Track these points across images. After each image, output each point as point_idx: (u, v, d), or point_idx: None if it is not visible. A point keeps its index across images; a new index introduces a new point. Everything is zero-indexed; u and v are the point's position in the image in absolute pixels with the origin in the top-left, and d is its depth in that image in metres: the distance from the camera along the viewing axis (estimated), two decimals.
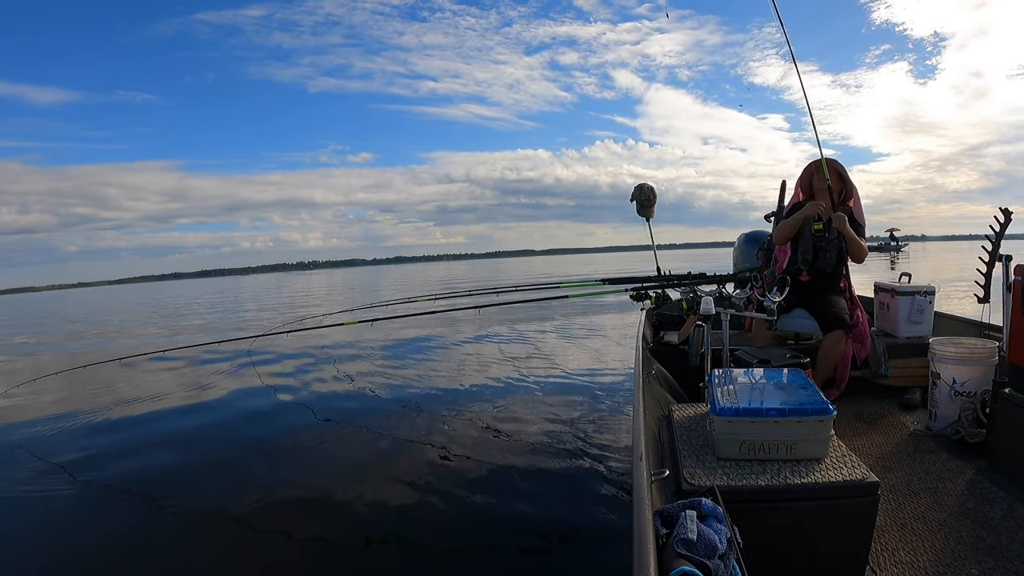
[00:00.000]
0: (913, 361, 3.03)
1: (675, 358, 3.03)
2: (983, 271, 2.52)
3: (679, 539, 1.06)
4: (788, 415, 1.49)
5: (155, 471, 3.72)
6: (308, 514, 2.96)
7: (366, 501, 3.06)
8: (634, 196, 3.23)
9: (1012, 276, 2.20)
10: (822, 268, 2.94)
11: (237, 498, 3.21)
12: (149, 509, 3.16)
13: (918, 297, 3.21)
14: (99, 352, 9.84)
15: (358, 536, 2.74)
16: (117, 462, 3.92)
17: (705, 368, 2.19)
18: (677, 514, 1.13)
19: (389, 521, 2.83)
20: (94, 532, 2.91)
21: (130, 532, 2.87)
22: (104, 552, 2.71)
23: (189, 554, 2.66)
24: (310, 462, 3.76)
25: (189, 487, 3.43)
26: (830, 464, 1.48)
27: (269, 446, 4.13)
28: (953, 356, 2.47)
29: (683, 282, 2.94)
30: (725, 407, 1.53)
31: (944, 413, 2.50)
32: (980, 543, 1.67)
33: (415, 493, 3.10)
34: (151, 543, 2.76)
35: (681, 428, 1.78)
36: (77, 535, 2.88)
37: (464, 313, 6.90)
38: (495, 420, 4.33)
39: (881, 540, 1.71)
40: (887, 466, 2.24)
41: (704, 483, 1.41)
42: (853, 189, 3.03)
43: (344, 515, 2.92)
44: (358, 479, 3.38)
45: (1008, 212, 2.49)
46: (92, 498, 3.35)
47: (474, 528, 2.73)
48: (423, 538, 2.67)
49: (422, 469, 3.41)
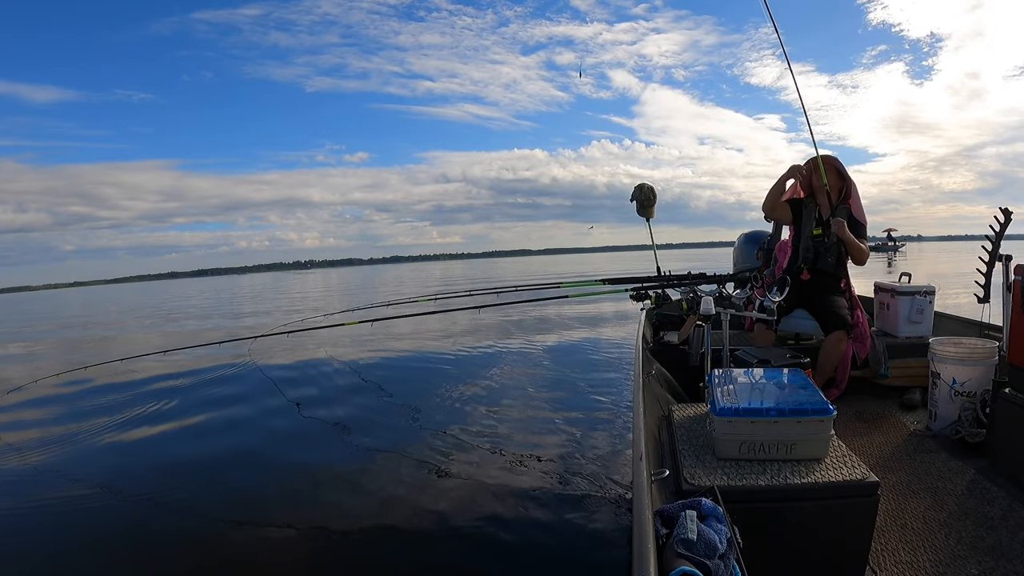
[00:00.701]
0: (913, 361, 3.03)
1: (675, 358, 3.03)
2: (983, 271, 2.51)
3: (679, 539, 1.06)
4: (788, 415, 1.49)
5: (151, 473, 3.72)
6: (302, 518, 2.94)
7: (364, 501, 3.05)
8: (634, 196, 3.22)
9: (1012, 276, 2.20)
10: (822, 268, 2.94)
11: (230, 501, 3.21)
12: (147, 509, 3.15)
13: (918, 297, 3.21)
14: (99, 353, 9.82)
15: (357, 536, 2.73)
16: (115, 462, 3.92)
17: (705, 368, 2.19)
18: (677, 514, 1.13)
19: (387, 521, 2.82)
20: (92, 533, 2.91)
21: (127, 533, 2.87)
22: (103, 552, 2.71)
23: (188, 554, 2.66)
24: (307, 466, 3.75)
25: (186, 487, 3.42)
26: (830, 464, 1.47)
27: (267, 448, 4.13)
28: (953, 356, 2.47)
29: (683, 282, 2.93)
30: (725, 407, 1.53)
31: (944, 413, 2.50)
32: (980, 543, 1.67)
33: (414, 493, 3.10)
34: (149, 545, 2.76)
35: (681, 428, 1.77)
36: (72, 535, 2.88)
37: (464, 313, 6.89)
38: (494, 420, 4.32)
39: (881, 540, 1.71)
40: (887, 466, 2.24)
41: (704, 483, 1.41)
42: (852, 186, 3.00)
43: (344, 515, 2.92)
44: (357, 479, 3.38)
45: (1008, 212, 2.49)
46: (91, 497, 3.35)
47: (474, 528, 2.73)
48: (422, 538, 2.66)
49: (420, 469, 3.41)
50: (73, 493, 3.41)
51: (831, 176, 2.94)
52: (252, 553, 2.64)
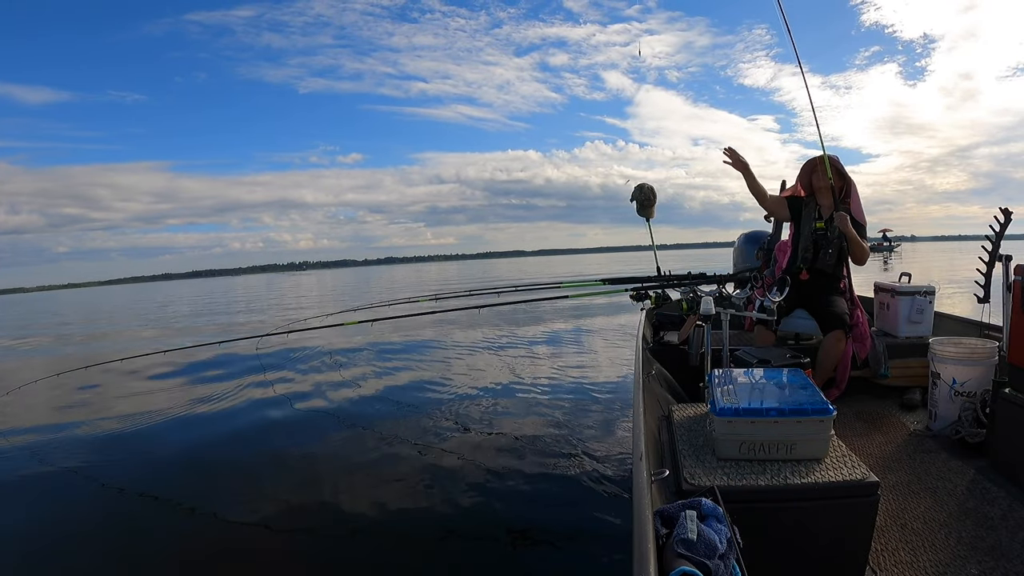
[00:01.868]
0: (913, 361, 3.03)
1: (675, 358, 3.03)
2: (983, 271, 2.51)
3: (679, 539, 1.06)
4: (788, 415, 1.49)
5: (152, 471, 3.73)
6: (305, 515, 2.95)
7: (365, 502, 3.06)
8: (634, 196, 3.22)
9: (1012, 276, 2.20)
10: (822, 268, 2.93)
11: (231, 498, 3.22)
12: (144, 510, 3.15)
13: (918, 297, 3.21)
14: (97, 354, 9.82)
15: (357, 536, 2.73)
16: (111, 463, 3.93)
17: (705, 368, 2.19)
18: (677, 514, 1.13)
19: (389, 522, 2.83)
20: (91, 530, 2.91)
21: (125, 534, 2.87)
22: (101, 552, 2.72)
23: (188, 553, 2.66)
24: (309, 462, 3.76)
25: (184, 488, 3.42)
26: (830, 464, 1.47)
27: (267, 447, 4.13)
28: (953, 356, 2.47)
29: (683, 282, 2.93)
30: (725, 407, 1.53)
31: (944, 413, 2.50)
32: (980, 543, 1.67)
33: (414, 494, 3.10)
34: (148, 545, 2.76)
35: (681, 428, 1.77)
36: (66, 531, 2.88)
37: (464, 313, 6.89)
38: (495, 420, 4.32)
39: (881, 540, 1.71)
40: (887, 466, 2.24)
41: (704, 483, 1.41)
42: (852, 186, 2.99)
43: (343, 516, 2.92)
44: (357, 480, 3.39)
45: (1008, 212, 2.49)
46: (89, 495, 3.35)
47: (474, 528, 2.73)
48: (423, 539, 2.66)
49: (421, 470, 3.41)
50: (73, 491, 3.41)
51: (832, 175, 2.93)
52: (245, 552, 2.64)
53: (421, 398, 5.25)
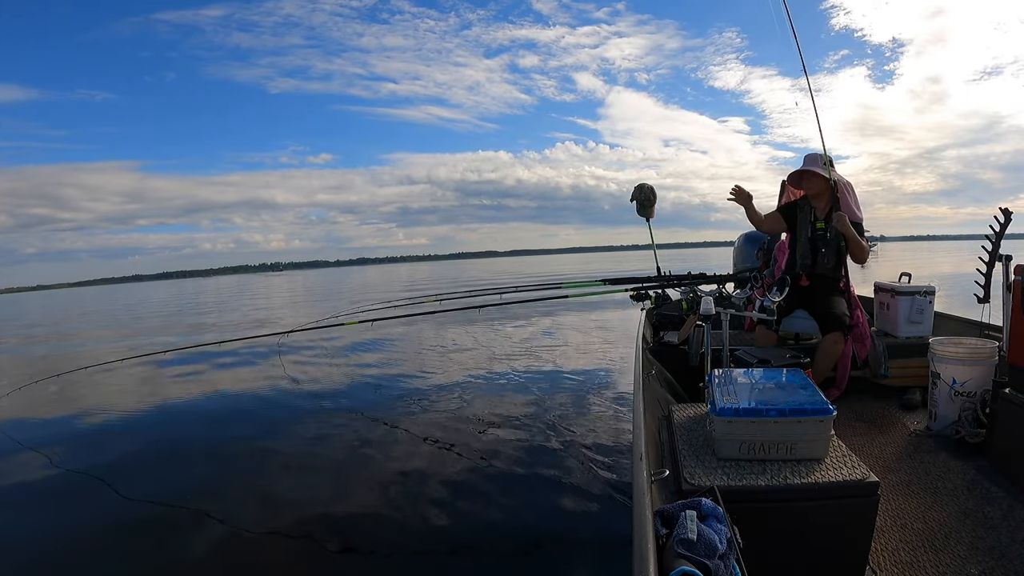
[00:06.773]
0: (913, 361, 3.03)
1: (675, 358, 3.03)
2: (983, 271, 2.51)
3: (679, 539, 1.06)
4: (788, 415, 1.49)
5: (152, 471, 3.73)
6: (299, 517, 2.94)
7: (363, 503, 3.06)
8: (634, 196, 3.22)
9: (1012, 276, 2.20)
10: (821, 272, 2.92)
11: (227, 498, 3.22)
12: (143, 509, 3.15)
13: (918, 297, 3.21)
14: (78, 357, 9.81)
15: (356, 537, 2.74)
16: (107, 463, 3.93)
17: (705, 368, 2.19)
18: (677, 514, 1.13)
19: (387, 522, 2.82)
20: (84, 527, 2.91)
21: (126, 528, 2.87)
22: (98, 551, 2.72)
23: (188, 553, 2.66)
24: (304, 465, 3.76)
25: (180, 487, 3.43)
26: (830, 464, 1.47)
27: (262, 447, 4.13)
28: (953, 356, 2.47)
29: (683, 282, 2.93)
30: (725, 407, 1.53)
31: (944, 413, 2.50)
32: (980, 543, 1.67)
33: (415, 495, 3.10)
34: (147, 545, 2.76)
35: (681, 428, 1.77)
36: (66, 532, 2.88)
37: (464, 313, 6.89)
38: (495, 421, 4.32)
39: (881, 540, 1.71)
40: (887, 466, 2.24)
41: (704, 483, 1.41)
42: (842, 186, 2.94)
43: (341, 516, 2.91)
44: (355, 481, 3.38)
45: (1008, 212, 2.49)
46: (89, 495, 3.35)
47: (474, 529, 2.73)
48: (423, 539, 2.66)
49: (422, 471, 3.41)
50: (71, 492, 3.41)
51: (816, 182, 2.89)
52: (237, 553, 2.64)
53: (420, 400, 5.25)
